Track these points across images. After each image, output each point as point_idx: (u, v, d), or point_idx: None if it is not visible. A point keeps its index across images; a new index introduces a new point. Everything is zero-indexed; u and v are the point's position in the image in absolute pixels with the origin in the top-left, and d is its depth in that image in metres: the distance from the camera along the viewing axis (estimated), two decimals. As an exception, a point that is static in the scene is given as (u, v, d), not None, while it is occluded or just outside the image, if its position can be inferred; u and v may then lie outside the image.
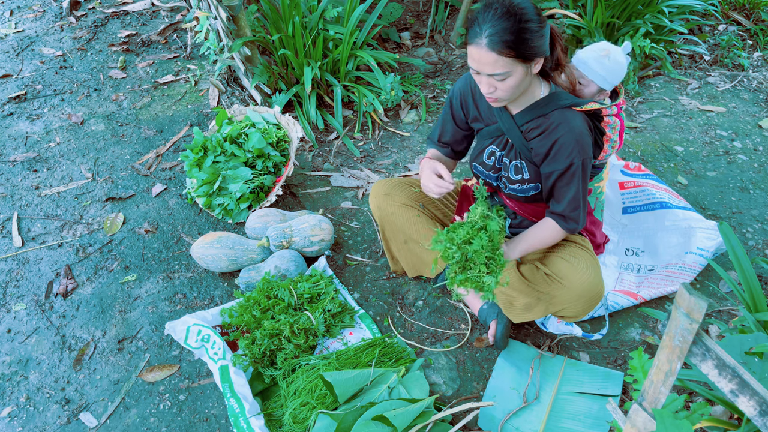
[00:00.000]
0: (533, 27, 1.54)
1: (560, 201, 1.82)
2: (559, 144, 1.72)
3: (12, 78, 3.69)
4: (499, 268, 1.74)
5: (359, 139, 3.25)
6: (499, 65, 1.56)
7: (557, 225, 1.87)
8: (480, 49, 1.55)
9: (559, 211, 1.84)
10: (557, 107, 1.73)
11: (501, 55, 1.54)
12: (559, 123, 1.72)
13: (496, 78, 1.60)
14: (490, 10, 1.54)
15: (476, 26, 1.55)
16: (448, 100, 1.98)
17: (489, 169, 1.96)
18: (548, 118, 1.74)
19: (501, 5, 1.54)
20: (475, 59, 1.59)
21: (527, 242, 1.92)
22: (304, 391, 1.89)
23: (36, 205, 2.81)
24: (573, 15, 3.38)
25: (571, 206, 1.81)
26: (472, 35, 1.57)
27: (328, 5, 3.30)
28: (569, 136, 1.71)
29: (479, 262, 1.72)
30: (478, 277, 1.72)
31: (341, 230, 2.64)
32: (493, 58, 1.55)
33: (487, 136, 1.93)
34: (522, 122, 1.79)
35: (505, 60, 1.55)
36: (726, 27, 4.11)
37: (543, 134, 1.75)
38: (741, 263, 1.78)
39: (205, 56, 3.81)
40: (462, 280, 1.74)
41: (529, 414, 1.91)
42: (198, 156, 2.67)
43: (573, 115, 1.73)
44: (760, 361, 1.30)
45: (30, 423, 1.96)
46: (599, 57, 1.95)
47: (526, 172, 1.86)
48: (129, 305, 2.33)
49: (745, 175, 2.91)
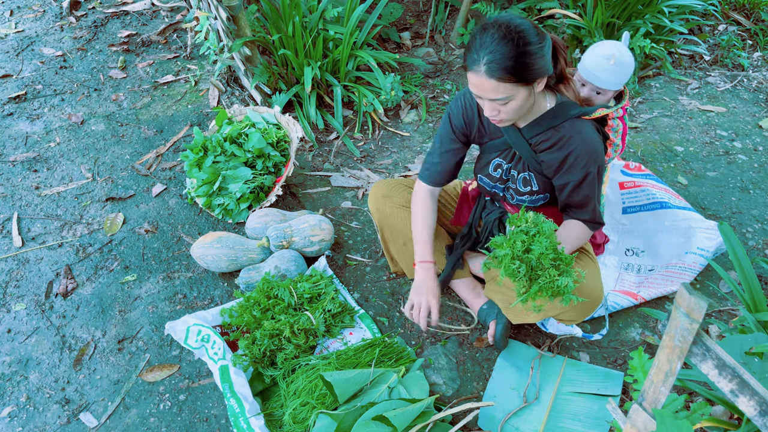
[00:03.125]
0: (533, 50, 1.49)
1: (584, 208, 1.81)
2: (574, 156, 1.70)
3: (12, 78, 3.69)
4: (568, 266, 1.60)
5: (359, 139, 3.25)
6: (500, 91, 1.52)
7: (585, 227, 1.85)
8: (479, 76, 1.51)
9: (587, 218, 1.83)
10: (567, 118, 1.71)
11: (501, 82, 1.50)
12: (571, 135, 1.70)
13: (498, 102, 1.57)
14: (486, 35, 1.49)
15: (473, 52, 1.50)
16: (446, 121, 1.90)
17: (495, 180, 1.95)
18: (558, 131, 1.72)
19: (498, 29, 1.49)
20: (475, 85, 1.55)
21: (569, 243, 1.83)
22: (304, 391, 1.89)
23: (36, 205, 2.81)
24: (573, 15, 3.38)
25: (594, 210, 1.82)
26: (470, 62, 1.52)
27: (328, 5, 3.30)
28: (583, 148, 1.69)
29: (546, 266, 1.58)
30: (551, 283, 1.58)
31: (341, 230, 2.64)
32: (493, 85, 1.51)
33: (493, 149, 1.90)
34: (530, 135, 1.77)
35: (506, 86, 1.51)
36: (726, 27, 4.11)
37: (554, 147, 1.73)
38: (741, 263, 1.78)
39: (205, 56, 3.81)
40: (536, 292, 1.59)
41: (529, 414, 1.91)
42: (198, 156, 2.67)
43: (583, 125, 1.71)
44: (760, 361, 1.30)
45: (30, 423, 1.96)
46: (607, 66, 1.93)
47: (535, 184, 1.86)
48: (129, 305, 2.33)
49: (745, 175, 2.91)
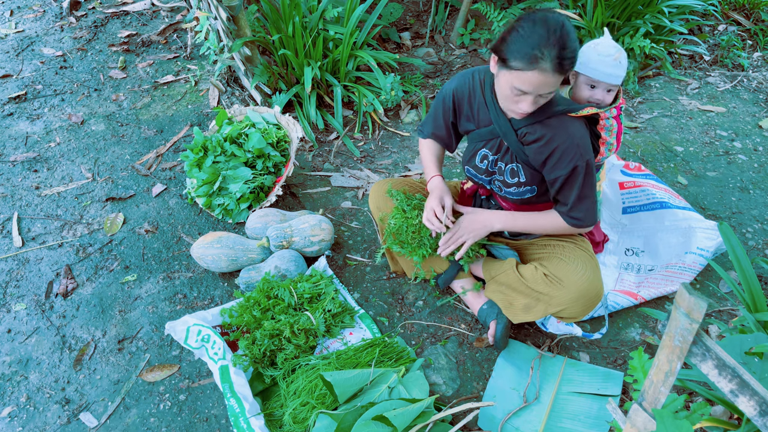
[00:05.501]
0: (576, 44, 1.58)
1: (566, 202, 1.85)
2: (561, 151, 1.73)
3: (12, 78, 3.69)
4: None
5: (359, 139, 3.25)
6: (554, 84, 1.59)
7: (561, 218, 1.90)
8: (544, 74, 1.55)
9: (564, 210, 1.88)
10: (553, 114, 1.74)
11: (561, 76, 1.57)
12: (556, 131, 1.73)
13: (543, 97, 1.63)
14: (547, 32, 1.53)
15: (536, 50, 1.52)
16: (440, 100, 1.98)
17: (482, 172, 1.97)
18: (545, 125, 1.75)
19: (555, 24, 1.54)
20: (534, 84, 1.57)
21: (530, 219, 1.95)
22: (304, 391, 1.89)
23: (36, 205, 2.81)
24: (573, 15, 3.38)
25: (576, 204, 1.83)
26: (529, 60, 1.53)
27: (328, 5, 3.30)
28: (569, 142, 1.72)
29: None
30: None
31: (341, 230, 2.64)
32: (556, 80, 1.57)
33: (479, 138, 1.93)
34: (518, 126, 1.80)
35: (560, 79, 1.58)
36: (726, 27, 4.11)
37: (540, 141, 1.76)
38: (741, 263, 1.78)
39: (205, 56, 3.81)
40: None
41: (529, 414, 1.91)
42: (198, 156, 2.67)
43: (570, 121, 1.74)
44: (760, 361, 1.30)
45: (30, 423, 1.96)
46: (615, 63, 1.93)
47: (522, 175, 1.87)
48: (129, 305, 2.33)
49: (745, 175, 2.91)
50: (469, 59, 3.88)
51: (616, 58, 1.91)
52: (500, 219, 1.97)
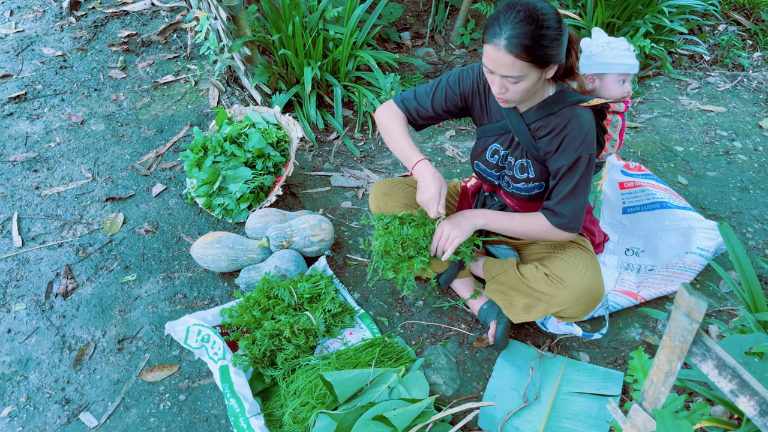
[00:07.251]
0: (552, 34, 1.54)
1: (557, 195, 1.80)
2: (569, 138, 1.72)
3: (12, 78, 3.69)
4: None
5: (359, 139, 3.25)
6: (515, 68, 1.56)
7: (545, 218, 1.83)
8: (498, 50, 1.54)
9: (551, 205, 1.81)
10: (566, 105, 1.73)
11: (518, 59, 1.54)
12: (569, 120, 1.72)
13: (509, 80, 1.60)
14: (512, 12, 1.53)
15: (496, 26, 1.54)
16: (455, 80, 1.88)
17: (492, 167, 1.95)
18: (557, 116, 1.74)
19: (524, 9, 1.53)
20: (491, 59, 1.58)
21: (511, 219, 1.88)
22: (304, 391, 1.89)
23: (36, 205, 2.81)
24: (573, 15, 3.38)
25: (565, 198, 1.78)
26: (491, 34, 1.56)
27: (328, 5, 3.30)
28: (579, 131, 1.72)
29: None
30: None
31: (341, 230, 2.64)
32: (510, 61, 1.55)
33: (490, 133, 1.92)
34: (531, 120, 1.79)
35: (521, 64, 1.55)
36: (726, 27, 4.11)
37: (552, 132, 1.75)
38: (741, 263, 1.77)
39: (205, 56, 3.81)
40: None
41: (529, 414, 1.91)
42: (198, 156, 2.67)
43: (582, 111, 1.73)
44: (760, 361, 1.30)
45: (30, 423, 1.96)
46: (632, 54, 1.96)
47: (532, 171, 1.86)
48: (129, 305, 2.33)
49: (745, 175, 2.91)
50: (469, 59, 3.88)
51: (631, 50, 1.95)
52: (483, 214, 1.91)
